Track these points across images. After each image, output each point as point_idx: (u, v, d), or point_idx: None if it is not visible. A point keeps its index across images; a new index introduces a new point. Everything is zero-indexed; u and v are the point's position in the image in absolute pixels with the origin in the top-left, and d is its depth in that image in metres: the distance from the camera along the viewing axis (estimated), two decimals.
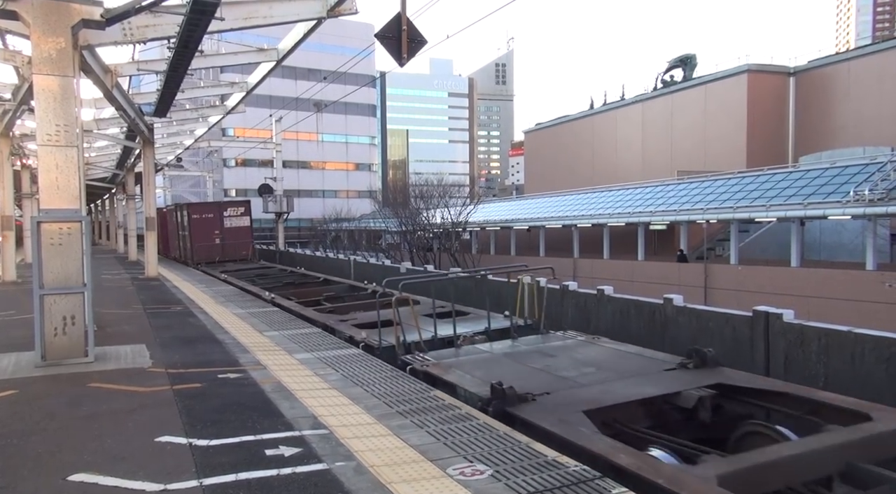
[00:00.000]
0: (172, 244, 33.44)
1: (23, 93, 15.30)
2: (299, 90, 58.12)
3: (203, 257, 26.88)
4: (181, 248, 30.61)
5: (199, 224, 27.94)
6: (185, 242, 29.07)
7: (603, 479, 4.33)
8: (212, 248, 27.42)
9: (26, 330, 9.41)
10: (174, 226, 32.20)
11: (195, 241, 27.68)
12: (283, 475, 4.47)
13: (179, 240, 30.76)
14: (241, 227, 28.58)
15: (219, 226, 28.03)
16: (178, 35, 10.15)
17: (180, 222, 29.99)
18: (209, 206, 29.95)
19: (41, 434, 5.48)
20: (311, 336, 10.24)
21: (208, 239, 27.63)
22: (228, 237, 27.98)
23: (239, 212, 28.80)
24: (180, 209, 30.35)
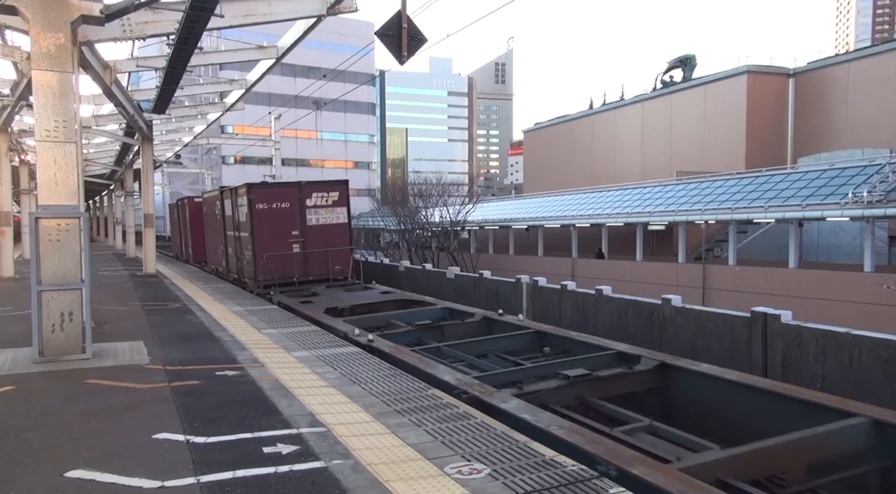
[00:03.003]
0: (213, 249, 22.50)
1: (21, 89, 15.26)
2: (299, 88, 58.10)
3: (273, 274, 16.13)
4: (231, 258, 19.43)
5: (267, 219, 16.50)
6: (241, 249, 17.80)
7: (601, 479, 4.34)
8: (287, 261, 16.45)
9: (24, 326, 9.39)
10: (217, 224, 20.87)
11: (261, 248, 16.32)
12: (280, 472, 4.46)
13: (229, 245, 19.51)
14: (334, 226, 17.19)
15: (298, 222, 16.77)
16: (177, 32, 10.13)
17: (232, 216, 18.50)
18: (283, 190, 17.24)
19: (38, 431, 5.46)
20: (308, 334, 10.23)
21: (281, 243, 16.53)
22: (314, 240, 16.87)
23: (330, 200, 17.24)
24: (233, 195, 18.33)
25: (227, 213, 19.26)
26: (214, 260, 22.18)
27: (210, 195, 22.79)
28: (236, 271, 18.69)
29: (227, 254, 19.78)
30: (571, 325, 12.93)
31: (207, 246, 23.69)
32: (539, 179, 72.59)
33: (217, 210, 20.54)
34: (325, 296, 14.98)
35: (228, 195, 19.03)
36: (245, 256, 17.39)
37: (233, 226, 18.51)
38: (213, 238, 22.09)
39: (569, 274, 36.20)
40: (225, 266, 20.33)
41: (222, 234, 20.13)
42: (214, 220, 21.37)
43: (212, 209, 21.81)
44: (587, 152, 66.28)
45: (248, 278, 17.39)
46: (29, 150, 25.90)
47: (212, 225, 22.20)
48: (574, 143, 68.28)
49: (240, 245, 17.90)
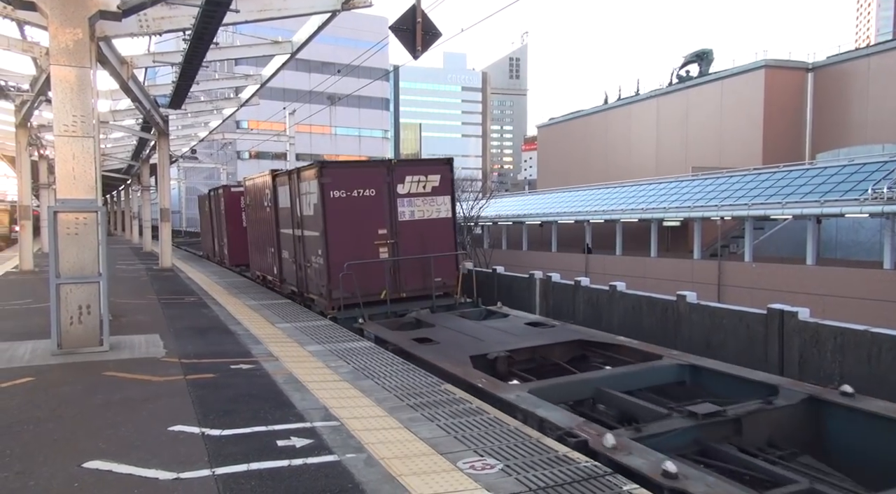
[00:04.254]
0: (258, 251, 17.36)
1: (41, 84, 15.45)
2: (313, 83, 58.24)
3: (353, 290, 11.41)
4: (286, 264, 14.62)
5: (345, 212, 11.87)
6: (305, 253, 12.99)
7: (613, 475, 4.32)
8: (373, 272, 11.90)
9: (43, 318, 9.53)
10: (266, 218, 15.94)
11: (337, 253, 11.71)
12: (294, 465, 4.49)
13: (284, 247, 14.60)
14: (435, 222, 12.60)
15: (386, 216, 12.21)
16: (193, 27, 10.17)
17: (292, 209, 13.56)
18: (367, 172, 12.50)
19: (57, 421, 5.54)
20: (322, 328, 10.28)
21: (364, 247, 11.96)
22: (408, 242, 12.33)
23: (429, 186, 12.58)
24: (294, 179, 13.31)
25: (281, 205, 14.39)
26: (261, 264, 17.02)
27: (256, 181, 16.93)
28: (295, 283, 13.72)
29: (281, 260, 14.85)
30: (585, 321, 12.87)
31: (251, 246, 18.26)
32: (553, 175, 72.24)
33: (266, 200, 15.63)
34: (441, 328, 10.07)
35: (286, 180, 13.76)
36: (312, 264, 12.42)
37: (292, 222, 13.43)
38: (260, 236, 16.87)
39: (582, 269, 36.04)
40: (277, 274, 15.24)
41: (273, 233, 15.14)
42: (261, 214, 16.40)
43: (258, 199, 16.64)
44: (601, 147, 65.86)
45: (314, 294, 12.49)
46: (48, 145, 26.26)
47: (257, 219, 17.08)
48: (588, 139, 67.86)
49: (303, 248, 12.91)
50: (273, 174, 15.19)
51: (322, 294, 12.05)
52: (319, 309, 12.13)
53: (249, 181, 17.97)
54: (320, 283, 12.06)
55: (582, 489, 4.10)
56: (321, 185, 11.60)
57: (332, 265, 11.59)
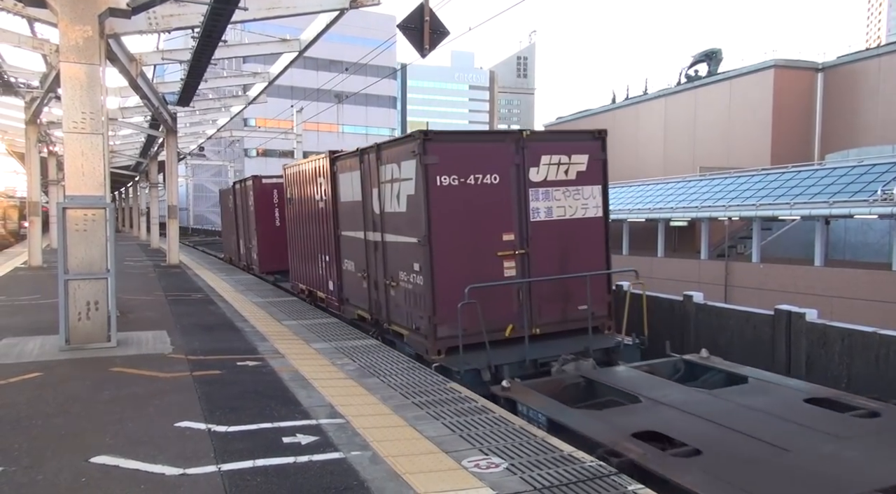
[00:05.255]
0: (302, 259, 14.02)
1: (50, 81, 15.53)
2: (320, 81, 58.33)
3: (469, 324, 7.61)
4: (352, 281, 11.06)
5: (456, 207, 8.13)
6: (382, 266, 9.49)
7: (619, 475, 4.31)
8: (495, 297, 8.15)
9: (51, 314, 9.59)
10: (315, 217, 12.76)
11: (445, 269, 8.06)
12: (299, 462, 4.51)
13: (351, 256, 10.97)
14: (578, 223, 8.92)
15: (513, 213, 8.50)
16: (202, 24, 10.22)
17: (365, 204, 10.02)
18: (489, 149, 8.60)
19: (64, 417, 5.58)
20: (328, 326, 10.31)
21: (482, 259, 8.28)
22: (543, 253, 8.61)
23: (572, 171, 8.86)
24: (371, 158, 9.65)
25: (343, 198, 10.97)
26: (307, 276, 13.53)
27: (303, 167, 13.25)
28: (366, 306, 10.15)
29: (341, 272, 11.30)
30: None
31: (292, 251, 14.73)
32: None
33: (319, 192, 12.09)
34: (658, 407, 6.29)
35: (354, 163, 10.16)
36: (400, 283, 8.79)
37: (364, 222, 9.88)
38: (306, 240, 13.38)
39: None
40: (334, 291, 11.67)
41: (328, 235, 11.71)
42: (310, 210, 12.82)
43: (306, 191, 13.10)
44: (609, 147, 65.59)
45: (402, 326, 8.89)
46: (57, 142, 26.39)
47: (304, 217, 13.38)
48: None
49: (383, 259, 9.35)
50: (332, 156, 11.37)
51: (418, 328, 8.35)
52: (412, 349, 8.50)
53: (292, 168, 14.19)
54: (416, 313, 8.35)
55: (587, 488, 4.10)
56: (424, 168, 7.84)
57: (438, 287, 7.92)
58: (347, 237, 10.97)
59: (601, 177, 9.05)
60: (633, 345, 8.63)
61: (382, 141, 9.42)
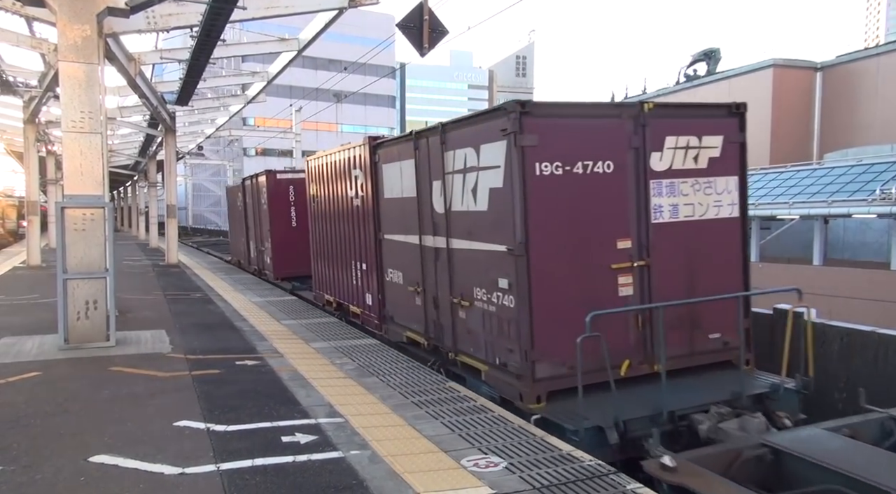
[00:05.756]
0: (335, 263, 11.75)
1: (49, 81, 15.51)
2: (319, 80, 58.32)
3: (568, 358, 5.77)
4: (395, 292, 9.17)
5: (563, 202, 6.12)
6: (447, 281, 7.43)
7: (618, 474, 4.31)
8: (608, 323, 5.66)
9: (50, 313, 9.59)
10: (356, 212, 10.34)
11: (546, 287, 6.05)
12: (298, 462, 4.51)
13: (397, 264, 9.03)
14: (710, 225, 6.82)
15: (630, 213, 6.44)
16: (200, 24, 10.22)
17: (421, 199, 7.97)
18: (597, 126, 6.43)
19: (63, 416, 5.58)
20: (327, 325, 10.31)
21: (592, 271, 6.26)
22: (667, 265, 6.54)
23: (703, 157, 6.76)
24: (433, 144, 7.52)
25: (387, 193, 9.12)
26: (337, 285, 11.58)
27: (332, 157, 11.27)
28: (422, 328, 8.25)
29: (383, 284, 9.47)
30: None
31: (316, 257, 12.78)
32: None
33: (352, 187, 10.29)
34: None
35: (404, 150, 8.37)
36: (475, 303, 6.91)
37: (420, 223, 8.04)
38: (335, 243, 11.49)
39: None
40: (373, 306, 9.87)
41: (365, 238, 9.96)
42: (339, 208, 11.05)
43: (328, 186, 11.53)
44: None
45: (478, 358, 6.93)
46: (56, 141, 26.36)
47: (332, 216, 11.54)
48: None
49: (447, 271, 7.46)
50: (373, 142, 9.52)
51: (504, 364, 6.32)
52: (494, 391, 6.48)
53: (318, 160, 12.16)
54: (501, 344, 6.39)
55: (586, 487, 4.10)
56: (520, 152, 5.93)
57: (538, 311, 5.98)
58: (393, 242, 9.00)
59: (738, 165, 7.05)
60: (794, 390, 6.29)
61: (450, 119, 7.38)
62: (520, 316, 6.00)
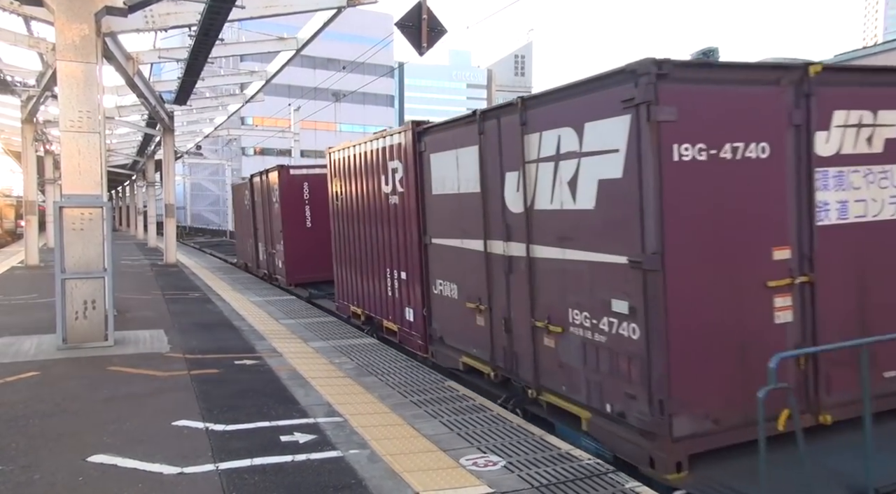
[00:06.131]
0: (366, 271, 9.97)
1: (47, 80, 15.49)
2: (318, 79, 58.31)
3: (715, 407, 4.50)
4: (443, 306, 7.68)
5: (705, 196, 4.57)
6: (527, 300, 5.87)
7: (616, 473, 4.32)
8: (760, 365, 3.86)
9: (48, 313, 9.57)
10: (396, 211, 8.71)
11: (684, 308, 4.48)
12: (297, 461, 4.51)
13: (447, 273, 7.57)
14: (885, 227, 5.24)
15: (789, 210, 4.89)
16: (199, 23, 10.21)
17: (487, 195, 6.50)
18: (747, 95, 4.78)
19: (62, 416, 5.57)
20: (326, 324, 10.31)
21: (740, 289, 4.69)
22: (834, 282, 4.97)
23: (878, 140, 5.19)
24: (508, 122, 6.04)
25: (434, 189, 7.72)
26: (367, 298, 9.99)
27: (354, 151, 10.09)
28: (501, 361, 6.54)
29: (429, 298, 8.03)
30: None
31: (339, 263, 11.16)
32: None
33: (387, 183, 8.88)
34: None
35: (467, 134, 6.82)
36: (591, 331, 5.13)
37: (489, 226, 6.55)
38: (361, 249, 10.08)
39: None
40: (416, 325, 8.33)
41: (402, 244, 8.54)
42: (369, 206, 9.54)
43: (356, 182, 10.04)
44: None
45: (594, 408, 5.12)
46: (54, 140, 26.35)
47: (354, 217, 10.25)
48: None
49: (530, 287, 5.88)
50: (418, 127, 7.88)
51: (621, 414, 4.85)
52: (602, 447, 5.02)
53: (343, 151, 10.56)
54: (616, 386, 4.92)
55: (585, 486, 4.11)
56: (655, 130, 4.50)
57: (676, 346, 4.53)
58: (445, 247, 7.44)
59: None
60: None
61: (533, 93, 6.02)
62: (650, 352, 4.49)
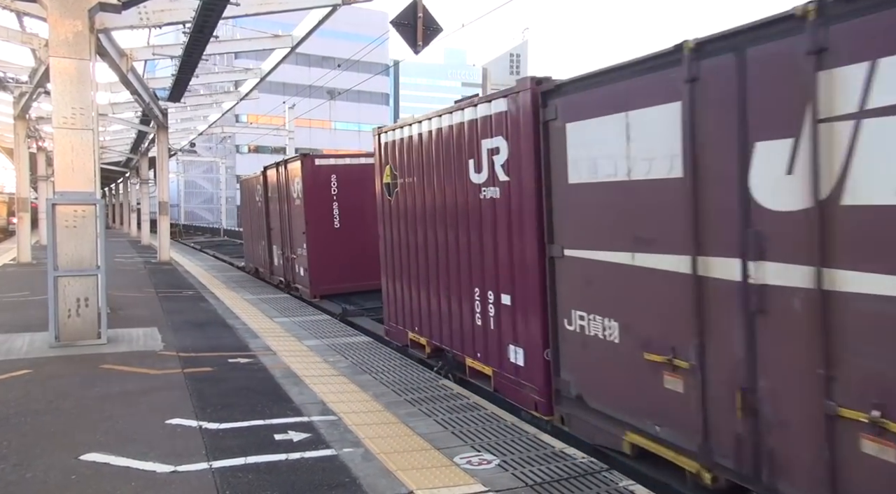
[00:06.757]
0: (432, 290, 7.75)
1: (39, 76, 15.40)
2: (313, 77, 58.13)
3: None
4: (615, 358, 4.91)
5: None
6: (796, 351, 3.49)
7: (610, 471, 4.33)
8: None
9: (41, 310, 9.52)
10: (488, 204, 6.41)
11: None
12: (291, 459, 4.50)
13: (625, 305, 4.83)
14: None
15: None
16: (193, 20, 10.16)
17: (711, 194, 3.98)
18: None
19: (54, 414, 5.55)
20: (320, 323, 10.30)
21: None
22: None
23: None
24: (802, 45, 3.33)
25: (570, 177, 5.29)
26: (438, 327, 7.69)
27: (420, 129, 7.82)
28: (730, 457, 3.90)
29: (556, 335, 5.59)
30: None
31: (394, 275, 8.91)
32: None
33: (477, 172, 6.65)
34: None
35: (653, 85, 4.46)
36: None
37: (703, 233, 4.10)
38: (434, 256, 7.74)
39: None
40: (533, 372, 5.86)
41: (508, 256, 6.18)
42: (450, 201, 7.25)
43: (422, 171, 7.85)
44: None
45: None
46: (46, 137, 26.16)
47: (414, 216, 8.18)
48: None
49: (824, 342, 3.35)
50: (539, 86, 5.64)
51: None
52: None
53: (399, 130, 8.32)
54: None
55: (579, 484, 4.12)
56: None
57: None
58: (592, 263, 5.14)
59: None
60: None
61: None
62: None
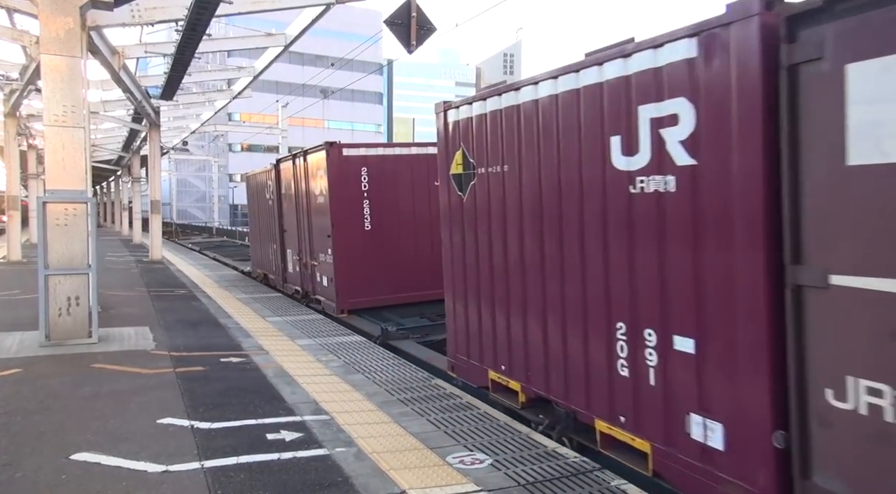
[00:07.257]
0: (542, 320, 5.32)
1: (30, 74, 15.30)
2: (306, 76, 58.03)
3: None
4: None
5: None
6: None
7: (602, 470, 4.34)
8: None
9: (31, 309, 9.46)
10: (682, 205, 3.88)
11: None
12: (283, 459, 4.49)
13: None
14: None
15: None
16: (186, 18, 10.12)
17: None
18: None
19: (44, 413, 5.51)
20: (313, 322, 10.27)
21: None
22: None
23: None
24: None
25: (872, 156, 2.77)
26: (544, 370, 5.39)
27: (519, 95, 5.46)
28: None
29: (803, 421, 3.18)
30: None
31: (467, 296, 6.59)
32: None
33: (675, 142, 3.93)
34: None
35: None
36: None
37: None
38: (535, 276, 5.42)
39: None
40: (744, 469, 3.53)
41: (680, 279, 4.00)
42: (568, 201, 4.91)
43: (532, 157, 5.32)
44: None
45: None
46: (37, 135, 25.99)
47: (503, 221, 5.86)
48: None
49: None
50: (791, 7, 3.24)
51: None
52: None
53: (485, 99, 6.13)
54: None
55: (571, 483, 4.13)
56: None
57: None
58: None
59: None
60: None
61: None
62: None
